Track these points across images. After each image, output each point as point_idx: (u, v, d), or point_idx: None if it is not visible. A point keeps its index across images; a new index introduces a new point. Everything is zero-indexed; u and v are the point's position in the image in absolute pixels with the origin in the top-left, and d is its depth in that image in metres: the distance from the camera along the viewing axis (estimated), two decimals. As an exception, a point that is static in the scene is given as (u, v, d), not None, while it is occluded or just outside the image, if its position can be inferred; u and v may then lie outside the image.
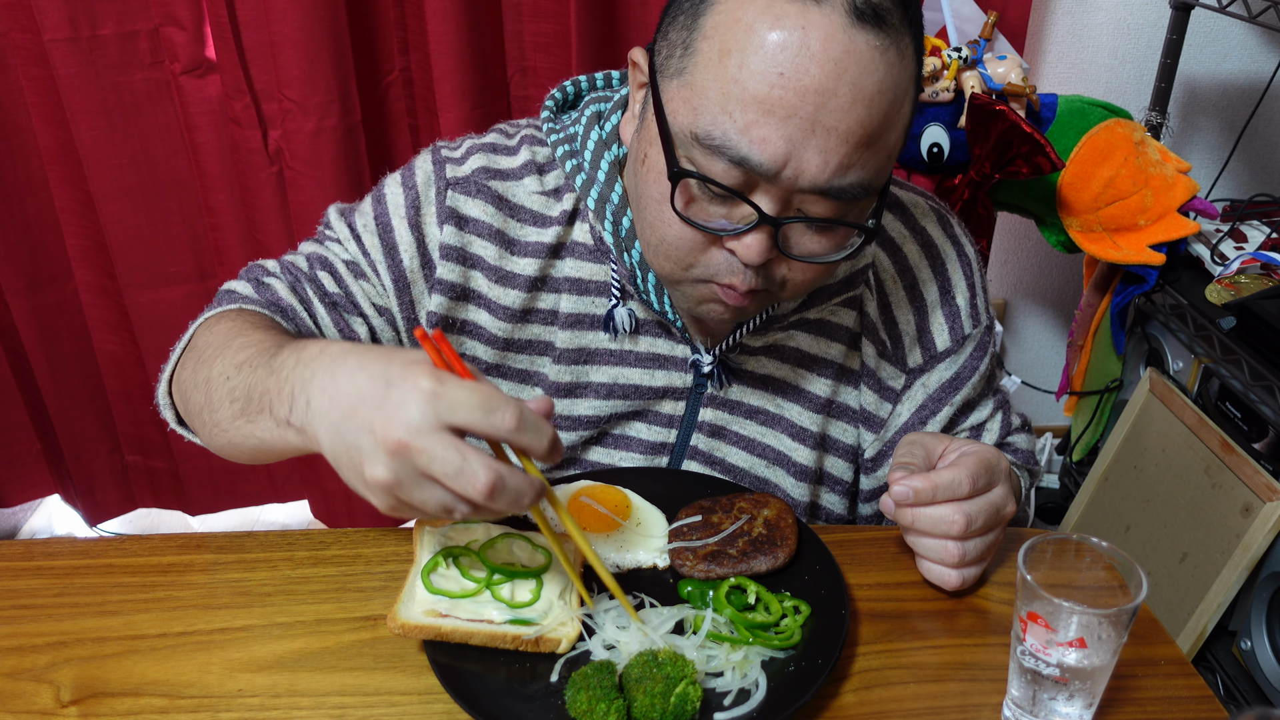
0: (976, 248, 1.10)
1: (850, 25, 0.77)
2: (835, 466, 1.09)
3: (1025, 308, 2.50)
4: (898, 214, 1.06)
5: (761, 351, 1.05)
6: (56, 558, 0.93)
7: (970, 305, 1.07)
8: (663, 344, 1.03)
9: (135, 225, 1.96)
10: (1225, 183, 2.26)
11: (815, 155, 0.79)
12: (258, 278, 1.02)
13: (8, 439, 2.11)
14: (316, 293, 1.01)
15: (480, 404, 0.68)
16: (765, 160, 0.79)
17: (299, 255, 1.04)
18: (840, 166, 0.80)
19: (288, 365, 0.77)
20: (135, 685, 0.80)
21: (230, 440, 0.85)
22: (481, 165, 1.01)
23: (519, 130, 1.06)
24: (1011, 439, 1.14)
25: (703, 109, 0.81)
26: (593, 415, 1.05)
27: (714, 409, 1.05)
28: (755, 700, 0.77)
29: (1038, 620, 0.74)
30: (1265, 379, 1.65)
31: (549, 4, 1.88)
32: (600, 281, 1.01)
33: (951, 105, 1.86)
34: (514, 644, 0.80)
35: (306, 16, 1.74)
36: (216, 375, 0.86)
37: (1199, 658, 1.75)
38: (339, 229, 1.04)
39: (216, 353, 0.88)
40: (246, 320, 0.92)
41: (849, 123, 0.79)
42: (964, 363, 1.07)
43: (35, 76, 1.83)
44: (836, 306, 1.04)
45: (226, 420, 0.84)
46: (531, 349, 1.04)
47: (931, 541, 0.89)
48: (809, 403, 1.05)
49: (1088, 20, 2.18)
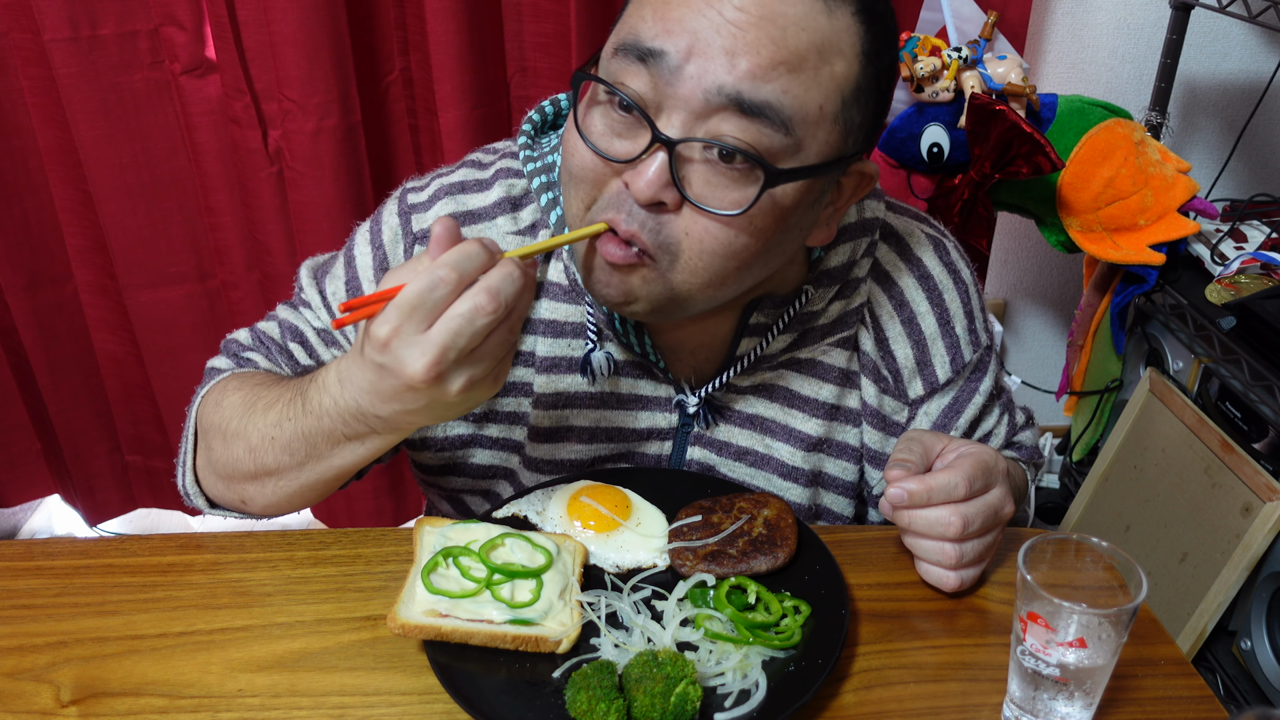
0: (973, 269, 1.08)
1: None
2: (834, 504, 1.07)
3: (1025, 308, 2.50)
4: (893, 244, 1.04)
5: (749, 391, 1.02)
6: (56, 558, 0.93)
7: (969, 331, 1.06)
8: (645, 385, 1.01)
9: (135, 225, 1.96)
10: (1225, 183, 2.26)
11: (720, 55, 0.77)
12: (235, 353, 1.06)
13: (8, 439, 2.11)
14: (288, 364, 1.04)
15: (422, 294, 0.72)
16: (669, 49, 0.77)
17: (273, 323, 1.06)
18: (750, 72, 0.77)
19: (325, 405, 0.83)
20: (135, 685, 0.80)
21: (302, 484, 0.90)
22: (449, 212, 0.98)
23: (495, 160, 1.02)
24: (1017, 438, 1.13)
25: (622, 26, 0.82)
26: (576, 459, 1.03)
27: (701, 448, 1.03)
28: (755, 700, 0.77)
29: (1038, 620, 0.74)
30: (1265, 379, 1.65)
31: (549, 4, 1.88)
32: (576, 323, 0.99)
33: (951, 105, 1.86)
34: (514, 644, 0.80)
35: (306, 16, 1.74)
36: (260, 441, 0.90)
37: (1199, 658, 1.75)
38: (310, 295, 1.04)
39: (242, 424, 0.91)
40: (249, 383, 0.96)
41: (756, 35, 0.77)
42: (964, 387, 1.07)
43: (35, 76, 1.83)
44: (829, 347, 1.02)
45: (292, 471, 0.89)
46: (514, 390, 1.01)
47: (929, 543, 0.88)
48: (799, 443, 1.03)
49: (1088, 20, 2.18)
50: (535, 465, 1.03)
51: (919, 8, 1.93)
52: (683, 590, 0.86)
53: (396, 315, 0.73)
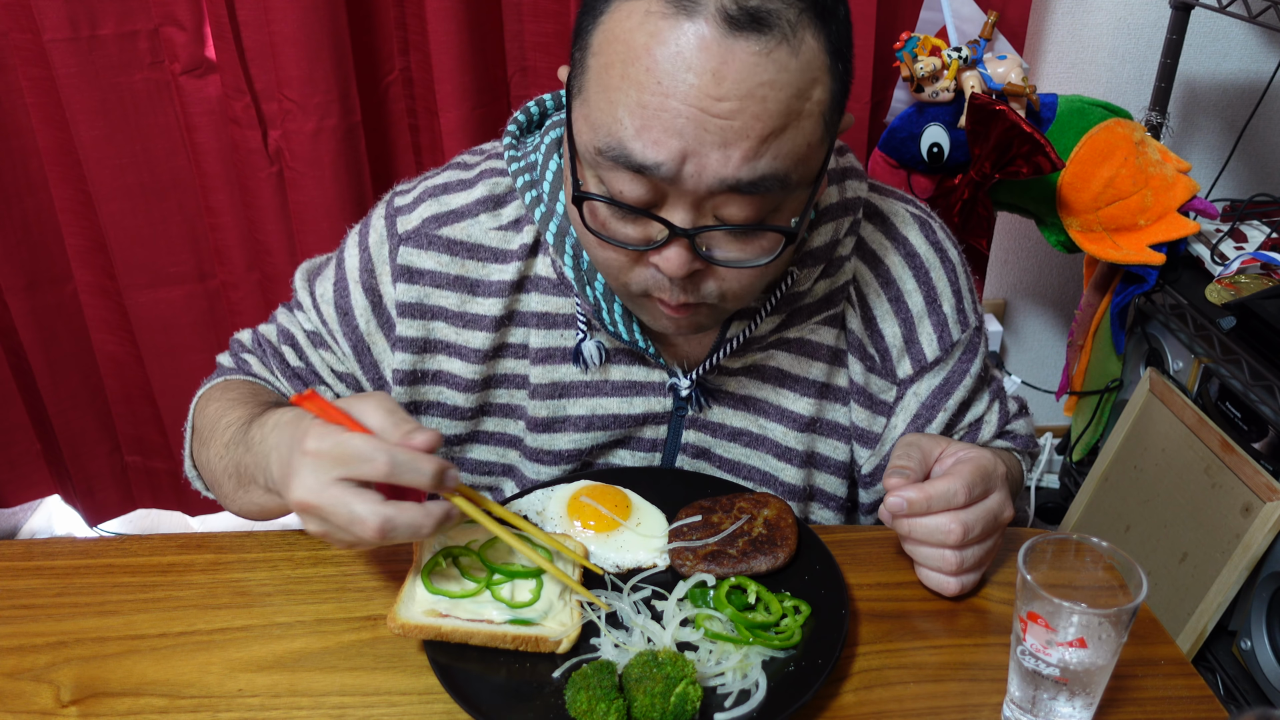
0: (961, 250, 1.09)
1: (724, 35, 0.74)
2: (827, 483, 1.08)
3: (1025, 308, 2.50)
4: (878, 224, 1.04)
5: (741, 372, 1.03)
6: (56, 558, 0.93)
7: (957, 310, 1.06)
8: (638, 371, 1.02)
9: (135, 225, 1.96)
10: (1225, 183, 2.26)
11: (714, 150, 0.76)
12: (236, 353, 1.11)
13: (8, 439, 2.11)
14: (280, 367, 1.07)
15: (351, 456, 0.75)
16: (663, 160, 0.77)
17: (272, 325, 1.10)
18: (745, 157, 0.77)
19: (255, 441, 0.88)
20: (135, 685, 0.80)
21: (240, 508, 0.96)
22: (430, 214, 1.00)
23: (480, 160, 1.03)
24: (1010, 425, 1.13)
25: (599, 123, 0.79)
26: (574, 448, 1.03)
27: (696, 431, 1.04)
28: (755, 700, 0.77)
29: (1038, 620, 0.74)
30: (1265, 379, 1.65)
31: (549, 4, 1.88)
32: (567, 315, 1.00)
33: (951, 105, 1.86)
34: (514, 644, 0.80)
35: (306, 16, 1.74)
36: (214, 456, 0.96)
37: (1199, 658, 1.75)
38: (303, 297, 1.07)
39: (210, 435, 0.98)
40: (229, 396, 1.01)
41: (743, 119, 0.76)
42: (954, 368, 1.06)
43: (35, 77, 1.83)
44: (817, 325, 1.02)
45: (231, 493, 0.95)
46: (509, 383, 1.03)
47: (929, 550, 0.89)
48: (792, 422, 1.04)
49: (1088, 20, 2.18)
50: (535, 456, 1.04)
51: (919, 8, 1.93)
52: (683, 590, 0.86)
53: (327, 444, 0.76)
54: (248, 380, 1.05)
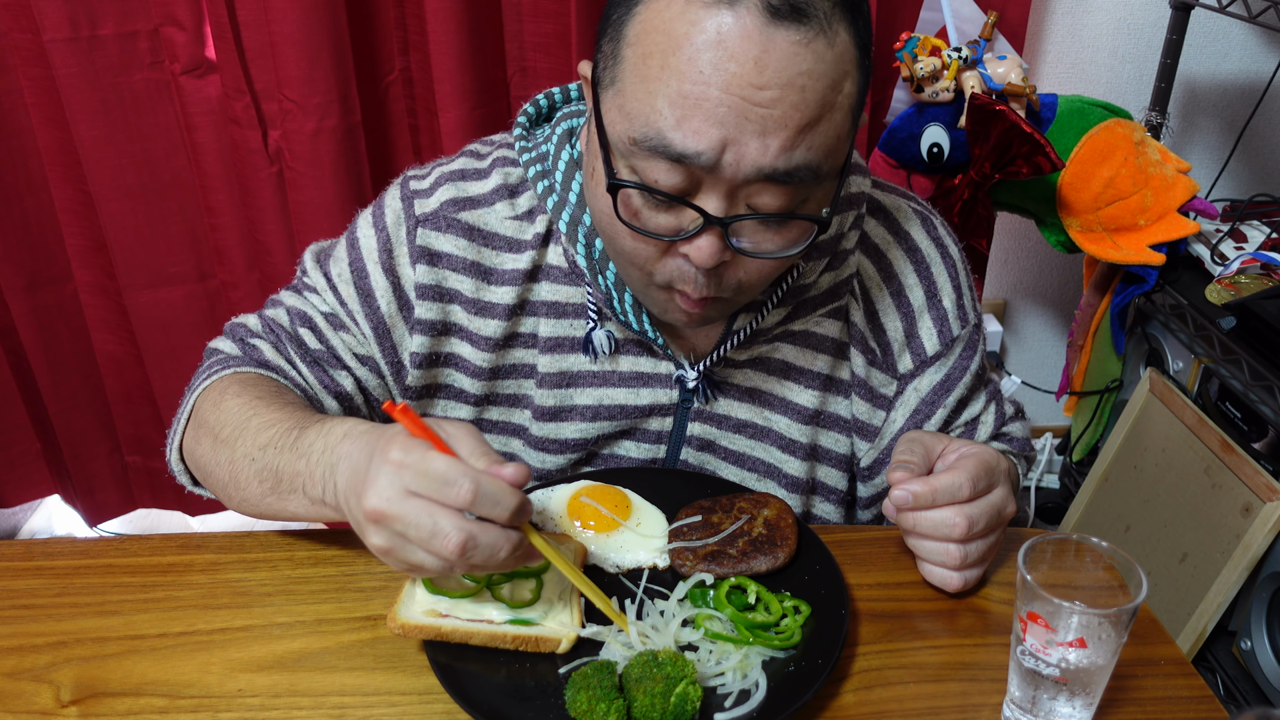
0: (961, 247, 1.10)
1: (766, 24, 0.75)
2: (829, 476, 1.08)
3: (1025, 308, 2.50)
4: (881, 219, 1.05)
5: (747, 365, 1.04)
6: (56, 558, 0.93)
7: (957, 306, 1.07)
8: (645, 362, 1.03)
9: (135, 225, 1.96)
10: (1225, 183, 2.26)
11: (753, 139, 0.77)
12: (242, 338, 1.04)
13: (8, 439, 2.11)
14: (298, 352, 1.02)
15: (438, 477, 0.72)
16: (703, 149, 0.78)
17: (280, 309, 1.05)
18: (783, 147, 0.78)
19: (316, 450, 0.83)
20: (135, 685, 0.80)
21: (261, 512, 0.91)
22: (449, 197, 1.00)
23: (491, 150, 1.04)
24: (1006, 428, 1.13)
25: (635, 113, 0.80)
26: (580, 438, 1.04)
27: (702, 423, 1.05)
28: (755, 700, 0.77)
29: (1038, 620, 0.74)
30: (1265, 379, 1.64)
31: (549, 4, 1.88)
32: (577, 304, 1.01)
33: (951, 105, 1.86)
34: (514, 644, 0.80)
35: (306, 16, 1.74)
36: (240, 457, 0.90)
37: (1199, 658, 1.75)
38: (315, 278, 1.04)
39: (236, 433, 0.91)
40: (252, 392, 0.95)
41: (783, 108, 0.77)
42: (954, 364, 1.07)
43: (35, 76, 1.83)
44: (821, 318, 1.03)
45: (256, 497, 0.90)
46: (517, 373, 1.04)
47: (933, 545, 0.89)
48: (797, 414, 1.05)
49: (1087, 20, 2.18)
50: (540, 445, 1.04)
51: (919, 8, 1.93)
52: (683, 590, 0.86)
53: (413, 458, 0.73)
54: (263, 375, 1.00)
